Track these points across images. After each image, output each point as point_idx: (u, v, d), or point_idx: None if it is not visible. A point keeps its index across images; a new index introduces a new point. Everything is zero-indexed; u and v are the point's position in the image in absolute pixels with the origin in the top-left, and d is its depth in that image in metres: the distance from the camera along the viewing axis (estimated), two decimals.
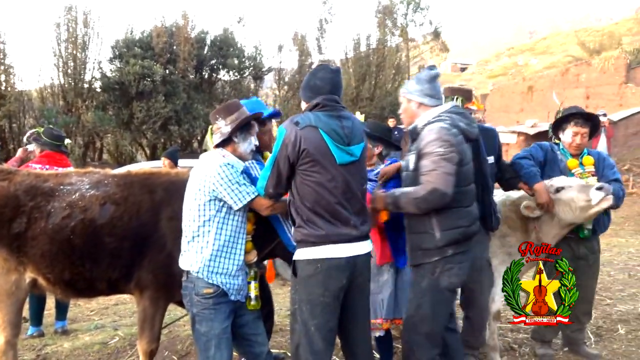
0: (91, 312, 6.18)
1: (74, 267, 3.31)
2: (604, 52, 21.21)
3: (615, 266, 6.90)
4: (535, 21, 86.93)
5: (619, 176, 3.99)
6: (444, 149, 2.88)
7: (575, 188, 3.62)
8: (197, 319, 2.95)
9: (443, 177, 2.85)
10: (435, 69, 3.25)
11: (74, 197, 3.35)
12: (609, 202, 3.53)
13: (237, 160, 3.02)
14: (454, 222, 2.97)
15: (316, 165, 2.76)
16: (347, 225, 2.81)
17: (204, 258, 2.90)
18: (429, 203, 2.86)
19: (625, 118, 16.22)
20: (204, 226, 2.92)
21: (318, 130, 2.77)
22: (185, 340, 4.56)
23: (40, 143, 5.15)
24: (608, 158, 4.09)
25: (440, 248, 2.97)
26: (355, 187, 2.86)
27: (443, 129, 2.95)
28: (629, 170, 14.41)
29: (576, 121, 3.93)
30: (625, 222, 10.52)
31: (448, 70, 45.28)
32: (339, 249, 2.79)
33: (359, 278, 2.89)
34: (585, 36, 33.39)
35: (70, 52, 17.22)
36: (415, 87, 3.15)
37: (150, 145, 18.69)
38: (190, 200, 2.97)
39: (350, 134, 2.85)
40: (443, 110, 3.09)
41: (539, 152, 3.98)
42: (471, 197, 3.10)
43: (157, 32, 18.10)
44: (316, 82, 2.90)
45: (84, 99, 17.32)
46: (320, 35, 23.34)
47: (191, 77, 18.96)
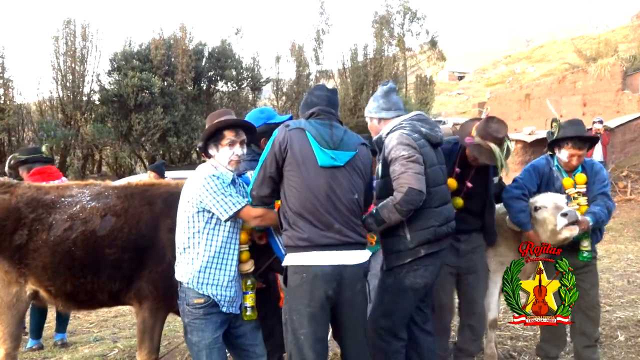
0: (90, 324, 6.17)
1: (76, 279, 3.32)
2: (600, 59, 21.29)
3: (615, 273, 6.91)
4: (532, 29, 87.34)
5: (607, 190, 3.87)
6: (407, 152, 3.04)
7: (549, 210, 3.60)
8: (188, 329, 2.98)
9: (414, 177, 2.97)
10: (390, 83, 3.46)
11: (75, 209, 3.38)
12: (573, 232, 3.48)
13: (227, 171, 3.04)
14: (424, 222, 3.09)
15: (298, 166, 2.84)
16: (331, 230, 2.82)
17: (194, 269, 2.92)
18: (408, 203, 2.95)
19: (622, 125, 16.26)
20: (193, 237, 2.94)
21: (305, 132, 2.88)
22: (185, 352, 4.56)
23: (24, 164, 5.11)
24: (602, 171, 3.93)
25: (412, 249, 3.10)
26: (341, 194, 2.87)
27: (403, 135, 3.12)
28: (626, 176, 14.45)
29: (574, 143, 3.77)
30: (624, 228, 10.55)
31: (445, 79, 45.47)
32: (323, 257, 2.80)
33: (347, 291, 2.86)
34: (582, 44, 33.56)
35: (69, 65, 17.25)
36: (373, 105, 3.41)
37: (149, 157, 18.69)
38: (181, 211, 3.00)
39: (339, 142, 2.92)
40: (405, 119, 3.27)
41: (533, 179, 3.85)
42: (440, 198, 3.19)
43: (155, 44, 18.16)
44: (313, 99, 3.06)
45: (83, 112, 17.32)
46: (318, 45, 23.51)
47: (189, 89, 18.99)
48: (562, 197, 3.71)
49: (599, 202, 3.76)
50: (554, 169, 3.88)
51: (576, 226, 3.50)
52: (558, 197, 3.70)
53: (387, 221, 3.04)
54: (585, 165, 3.91)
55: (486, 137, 3.40)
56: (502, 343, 4.56)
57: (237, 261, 3.03)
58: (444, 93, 40.03)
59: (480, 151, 3.42)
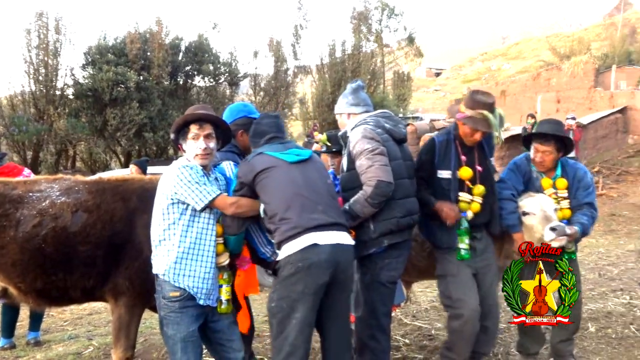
0: (65, 322, 6.07)
1: (47, 276, 3.24)
2: (574, 57, 21.70)
3: (586, 266, 7.05)
4: (508, 27, 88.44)
5: (592, 199, 3.74)
6: (371, 145, 3.16)
7: (537, 217, 3.56)
8: (164, 322, 2.97)
9: (381, 169, 3.10)
10: (358, 81, 3.59)
11: (44, 204, 3.29)
12: (561, 243, 3.45)
13: (194, 162, 3.04)
14: (387, 213, 3.19)
15: (271, 171, 2.97)
16: (316, 212, 2.89)
17: (169, 261, 2.90)
18: (379, 195, 3.08)
19: (594, 121, 16.63)
20: (169, 229, 2.93)
21: (264, 153, 3.04)
22: (161, 348, 4.52)
23: None
24: (586, 176, 3.78)
25: (375, 239, 3.21)
26: (317, 181, 3.02)
27: (367, 129, 3.25)
28: (598, 172, 14.77)
29: (538, 140, 3.73)
30: (595, 222, 10.78)
31: (423, 75, 45.81)
32: (316, 237, 2.83)
33: (341, 275, 2.92)
34: (556, 41, 34.14)
35: (42, 59, 16.94)
36: (342, 101, 3.53)
37: (124, 153, 18.48)
38: (156, 204, 2.99)
39: (295, 149, 3.13)
40: (369, 115, 3.40)
41: (519, 178, 3.81)
42: (402, 191, 3.27)
43: (131, 38, 17.94)
44: (263, 129, 3.21)
45: (56, 106, 17.03)
46: (296, 41, 23.47)
47: (166, 84, 18.82)
48: (550, 203, 3.63)
49: (585, 211, 3.67)
50: (532, 169, 3.83)
51: (565, 237, 3.45)
52: (546, 203, 3.62)
53: (362, 215, 3.15)
54: (568, 168, 3.80)
55: (476, 107, 3.39)
56: None
57: (214, 253, 3.02)
58: (422, 89, 40.36)
59: (475, 121, 3.39)
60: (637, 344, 4.38)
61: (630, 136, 17.32)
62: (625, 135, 17.38)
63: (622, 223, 11.15)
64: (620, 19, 33.99)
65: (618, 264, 7.22)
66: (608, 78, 21.18)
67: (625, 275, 6.56)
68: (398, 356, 4.31)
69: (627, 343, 4.41)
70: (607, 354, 4.21)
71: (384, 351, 3.35)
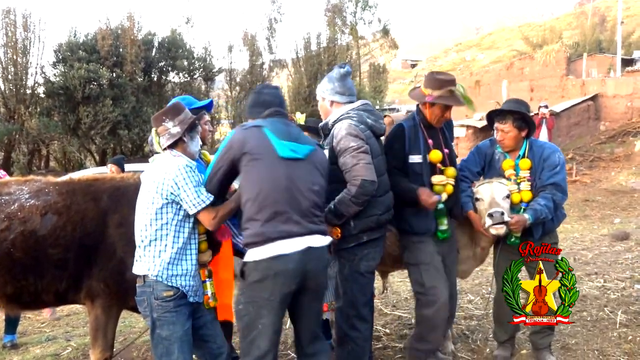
0: (42, 324, 5.99)
1: (17, 281, 3.16)
2: (546, 46, 21.98)
3: (562, 251, 7.18)
4: (481, 18, 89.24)
5: (558, 180, 3.59)
6: (356, 143, 3.14)
7: (485, 203, 3.54)
8: (158, 324, 2.88)
9: (365, 167, 3.10)
10: (346, 66, 3.45)
11: (12, 207, 3.20)
12: (498, 232, 3.42)
13: (190, 161, 3.01)
14: (368, 211, 3.22)
15: (258, 159, 2.80)
16: (288, 222, 2.75)
17: (162, 261, 2.85)
18: (363, 195, 3.09)
19: (567, 109, 16.89)
20: (161, 229, 2.87)
21: (262, 129, 2.86)
22: (141, 347, 4.49)
23: None
24: (552, 155, 3.65)
25: (355, 235, 3.25)
26: (301, 185, 2.82)
27: (351, 125, 3.21)
28: (572, 159, 15.04)
29: (497, 117, 3.69)
30: (569, 209, 10.96)
31: (399, 66, 46.03)
32: (283, 246, 2.72)
33: (311, 282, 2.83)
34: (529, 31, 34.57)
35: (10, 57, 16.55)
36: (327, 85, 3.41)
37: (99, 151, 18.18)
38: (145, 203, 2.90)
39: (298, 137, 2.93)
40: (352, 108, 3.34)
41: (476, 160, 3.83)
42: (384, 187, 3.32)
43: (102, 34, 17.61)
44: (265, 98, 3.05)
45: (27, 105, 16.67)
46: (271, 34, 23.33)
47: (139, 80, 18.53)
48: (502, 189, 3.57)
49: (546, 194, 3.55)
50: (496, 150, 3.78)
51: (503, 226, 3.40)
52: (497, 190, 3.56)
53: (347, 214, 3.16)
54: (535, 148, 3.70)
55: (442, 85, 3.42)
56: (457, 323, 4.68)
57: (197, 250, 3.01)
58: (398, 81, 40.51)
59: (447, 99, 3.41)
60: (611, 326, 4.49)
61: (602, 123, 17.65)
62: (597, 122, 17.71)
63: (595, 208, 11.38)
64: (591, 8, 34.52)
65: (592, 249, 7.36)
66: (580, 66, 21.54)
67: (599, 260, 6.69)
68: (379, 346, 4.35)
69: (602, 325, 4.52)
70: (582, 336, 4.30)
71: (366, 339, 3.38)
